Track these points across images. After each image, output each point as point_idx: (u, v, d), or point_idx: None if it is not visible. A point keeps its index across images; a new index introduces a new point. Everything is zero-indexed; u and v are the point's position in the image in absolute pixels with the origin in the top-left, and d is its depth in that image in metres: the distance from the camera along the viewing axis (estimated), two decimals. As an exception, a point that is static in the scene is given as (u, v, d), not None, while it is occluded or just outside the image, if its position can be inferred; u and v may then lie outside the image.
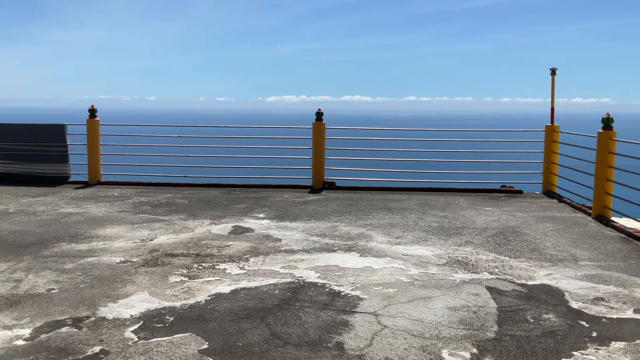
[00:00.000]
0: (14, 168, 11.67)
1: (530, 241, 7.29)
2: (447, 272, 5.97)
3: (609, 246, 7.10)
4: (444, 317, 4.76)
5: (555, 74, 10.65)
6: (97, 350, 4.09)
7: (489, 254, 6.70)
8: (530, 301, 5.17)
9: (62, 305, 4.95)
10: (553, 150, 10.79)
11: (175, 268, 6.03)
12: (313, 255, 6.56)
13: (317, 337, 4.34)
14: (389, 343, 4.25)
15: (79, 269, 5.98)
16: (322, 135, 11.30)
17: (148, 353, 4.06)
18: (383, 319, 4.71)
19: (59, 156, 11.61)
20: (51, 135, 11.61)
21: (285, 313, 4.81)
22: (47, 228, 7.74)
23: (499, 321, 4.69)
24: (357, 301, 5.10)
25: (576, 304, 5.12)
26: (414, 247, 6.93)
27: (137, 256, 6.46)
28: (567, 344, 4.29)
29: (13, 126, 11.90)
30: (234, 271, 5.93)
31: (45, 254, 6.52)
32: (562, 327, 4.60)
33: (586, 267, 6.23)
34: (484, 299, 5.19)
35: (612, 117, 8.74)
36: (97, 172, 11.70)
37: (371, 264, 6.24)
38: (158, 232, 7.57)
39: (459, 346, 4.22)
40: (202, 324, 4.58)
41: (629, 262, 6.44)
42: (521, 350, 4.16)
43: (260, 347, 4.16)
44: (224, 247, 6.84)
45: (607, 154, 8.65)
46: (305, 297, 5.20)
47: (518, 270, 6.09)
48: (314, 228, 7.88)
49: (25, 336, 4.32)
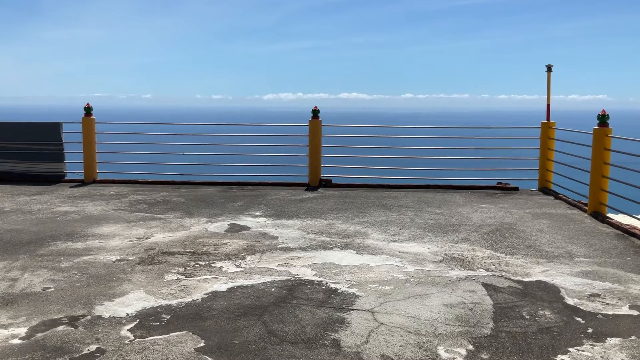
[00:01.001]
0: (9, 166, 11.63)
1: (526, 238, 7.30)
2: (443, 269, 5.98)
3: (605, 243, 7.12)
4: (440, 313, 4.77)
5: (551, 71, 10.66)
6: (93, 348, 4.09)
7: (485, 250, 6.71)
8: (526, 298, 5.18)
9: (58, 304, 4.95)
10: (549, 147, 10.81)
11: (172, 266, 6.03)
12: (309, 252, 6.56)
13: (314, 335, 4.34)
14: (386, 340, 4.26)
15: (75, 267, 5.97)
16: (319, 132, 11.29)
17: (144, 351, 4.05)
18: (379, 316, 4.72)
19: (55, 154, 11.58)
20: (47, 133, 11.58)
21: (281, 311, 4.81)
22: (43, 227, 7.72)
23: (495, 318, 4.70)
24: (353, 298, 5.10)
25: (572, 300, 5.13)
26: (410, 244, 6.94)
27: (133, 254, 6.45)
28: (563, 340, 4.30)
29: (8, 124, 11.87)
30: (230, 269, 5.93)
31: (41, 252, 6.50)
32: (558, 323, 4.61)
33: (582, 263, 6.24)
34: (480, 296, 5.20)
35: (607, 114, 8.75)
36: (93, 171, 11.68)
37: (368, 261, 6.25)
38: (154, 231, 7.56)
39: (455, 343, 4.22)
40: (199, 322, 4.58)
41: (625, 258, 6.45)
42: (517, 347, 4.17)
43: (257, 345, 4.17)
44: (221, 245, 6.84)
45: (603, 151, 8.67)
46: (302, 294, 5.20)
47: (514, 266, 6.10)
48: (310, 226, 7.88)
49: (21, 335, 4.31)
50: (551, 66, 10.63)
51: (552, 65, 10.62)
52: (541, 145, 10.94)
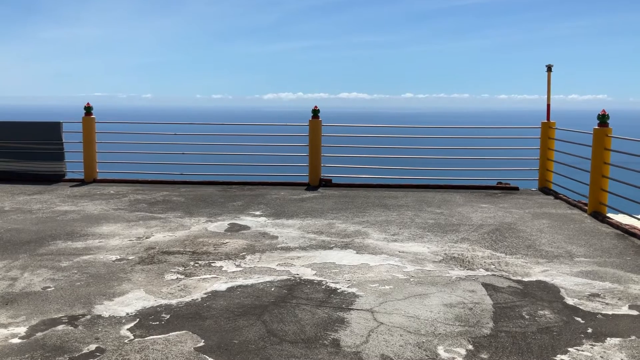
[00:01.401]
0: (9, 166, 11.63)
1: (526, 238, 7.30)
2: (443, 269, 5.98)
3: (605, 242, 7.12)
4: (439, 313, 4.77)
5: (551, 71, 10.66)
6: (93, 348, 4.09)
7: (485, 250, 6.71)
8: (526, 297, 5.18)
9: (58, 303, 4.95)
10: (549, 146, 10.80)
11: (172, 266, 6.03)
12: (309, 252, 6.56)
13: (313, 334, 4.34)
14: (385, 340, 4.26)
15: (74, 267, 5.97)
16: (319, 132, 11.29)
17: (144, 351, 4.06)
18: (379, 315, 4.72)
19: (55, 154, 11.58)
20: (47, 133, 11.58)
21: (281, 310, 4.81)
22: (43, 226, 7.72)
23: (494, 317, 4.70)
24: (353, 298, 5.10)
25: (572, 300, 5.13)
26: (410, 244, 6.94)
27: (133, 254, 6.45)
28: (563, 340, 4.30)
29: (8, 124, 11.86)
30: (230, 269, 5.93)
31: (41, 252, 6.50)
32: (558, 323, 4.61)
33: (582, 263, 6.24)
34: (480, 296, 5.20)
35: (607, 114, 8.75)
36: (93, 170, 11.68)
37: (367, 261, 6.25)
38: (154, 230, 7.56)
39: (454, 342, 4.22)
40: (198, 321, 4.58)
41: (625, 258, 6.45)
42: (517, 347, 4.17)
43: (257, 345, 4.17)
44: (220, 245, 6.84)
45: (603, 151, 8.66)
46: (302, 294, 5.20)
47: (514, 266, 6.10)
48: (310, 225, 7.88)
49: (21, 334, 4.31)
50: (551, 66, 10.63)
51: (552, 65, 10.61)
52: (541, 145, 10.93)
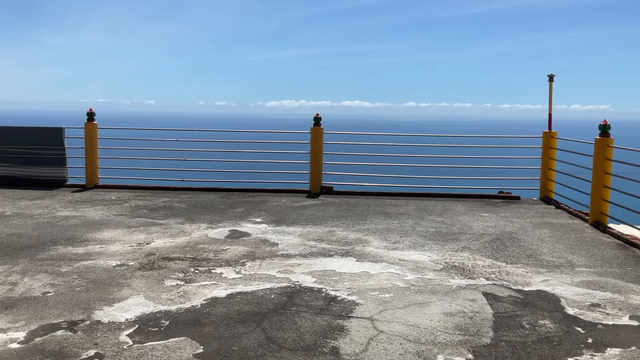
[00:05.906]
0: (11, 171, 11.65)
1: (527, 247, 7.29)
2: (443, 278, 5.97)
3: (606, 252, 7.11)
4: (439, 322, 4.76)
5: (552, 81, 10.68)
6: (92, 353, 4.08)
7: (485, 259, 6.70)
8: (527, 307, 5.16)
9: (58, 308, 4.94)
10: (550, 156, 10.80)
11: (172, 272, 6.02)
12: (310, 260, 6.55)
13: (313, 342, 4.33)
14: (385, 348, 4.25)
15: (75, 272, 5.96)
16: (320, 140, 11.30)
17: (143, 357, 4.05)
18: (379, 324, 4.71)
19: (57, 159, 11.60)
20: (49, 138, 11.60)
21: (281, 317, 4.80)
22: (43, 231, 7.72)
23: (494, 327, 4.69)
24: (353, 306, 5.09)
25: (572, 310, 5.12)
26: (410, 253, 6.93)
27: (134, 260, 6.45)
28: (563, 350, 4.29)
29: (11, 129, 11.89)
30: (230, 275, 5.93)
31: (42, 257, 6.50)
32: (558, 333, 4.60)
33: (582, 273, 6.23)
34: (480, 305, 5.19)
35: (609, 124, 8.76)
36: (94, 176, 11.69)
37: (368, 269, 6.24)
38: (155, 236, 7.56)
39: (454, 351, 4.21)
40: (198, 328, 4.57)
41: (626, 268, 6.44)
42: (517, 356, 4.16)
43: (256, 352, 4.16)
44: (221, 251, 6.83)
45: (604, 161, 8.66)
46: (302, 301, 5.19)
47: (514, 276, 6.09)
48: (311, 233, 7.88)
49: (20, 339, 4.31)
50: (553, 76, 10.64)
51: (554, 75, 10.63)
52: (543, 155, 10.93)
